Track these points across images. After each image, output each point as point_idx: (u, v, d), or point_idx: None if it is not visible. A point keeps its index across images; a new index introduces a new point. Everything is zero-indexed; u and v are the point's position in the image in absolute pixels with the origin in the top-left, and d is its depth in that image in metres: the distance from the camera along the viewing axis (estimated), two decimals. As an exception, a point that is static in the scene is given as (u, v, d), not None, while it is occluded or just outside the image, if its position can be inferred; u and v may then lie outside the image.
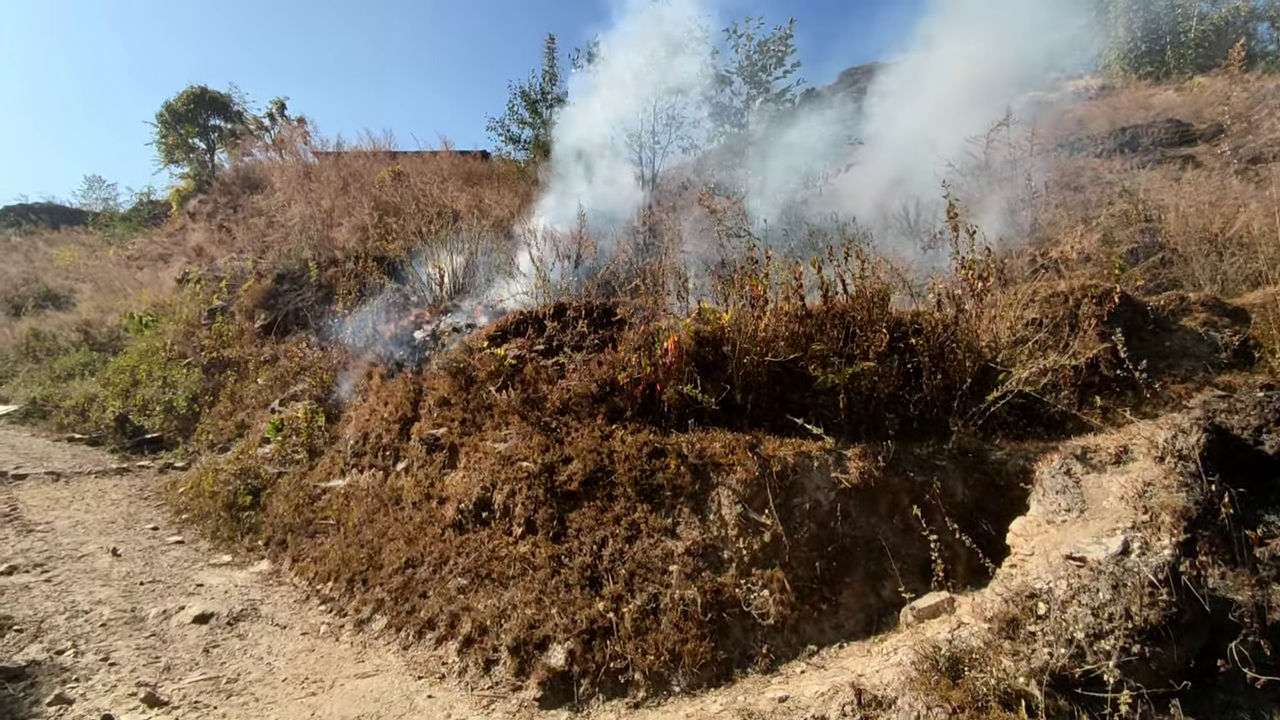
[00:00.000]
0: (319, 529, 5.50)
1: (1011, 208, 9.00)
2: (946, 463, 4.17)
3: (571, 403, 4.72)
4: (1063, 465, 3.55)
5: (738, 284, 4.70)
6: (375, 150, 16.58)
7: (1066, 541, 3.02)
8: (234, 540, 6.05)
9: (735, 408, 4.59)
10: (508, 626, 3.77)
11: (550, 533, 4.14)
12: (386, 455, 5.56)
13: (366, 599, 4.57)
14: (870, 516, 3.97)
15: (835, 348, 4.65)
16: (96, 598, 4.71)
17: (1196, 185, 10.09)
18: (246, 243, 13.92)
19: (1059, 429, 4.71)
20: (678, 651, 3.48)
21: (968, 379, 4.45)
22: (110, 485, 7.74)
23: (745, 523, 3.88)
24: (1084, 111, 23.36)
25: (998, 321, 5.16)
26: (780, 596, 3.63)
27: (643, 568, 3.82)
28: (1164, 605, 2.49)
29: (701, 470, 4.14)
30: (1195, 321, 5.87)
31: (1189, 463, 2.98)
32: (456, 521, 4.54)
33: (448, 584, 4.23)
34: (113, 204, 26.04)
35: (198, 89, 21.14)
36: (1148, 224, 8.50)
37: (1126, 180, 12.93)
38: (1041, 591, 2.79)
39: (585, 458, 4.35)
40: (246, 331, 10.45)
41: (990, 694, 2.52)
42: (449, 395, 5.24)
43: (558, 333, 5.16)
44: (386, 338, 6.55)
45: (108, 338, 13.20)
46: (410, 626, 4.15)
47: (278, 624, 4.54)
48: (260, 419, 8.08)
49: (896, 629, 3.52)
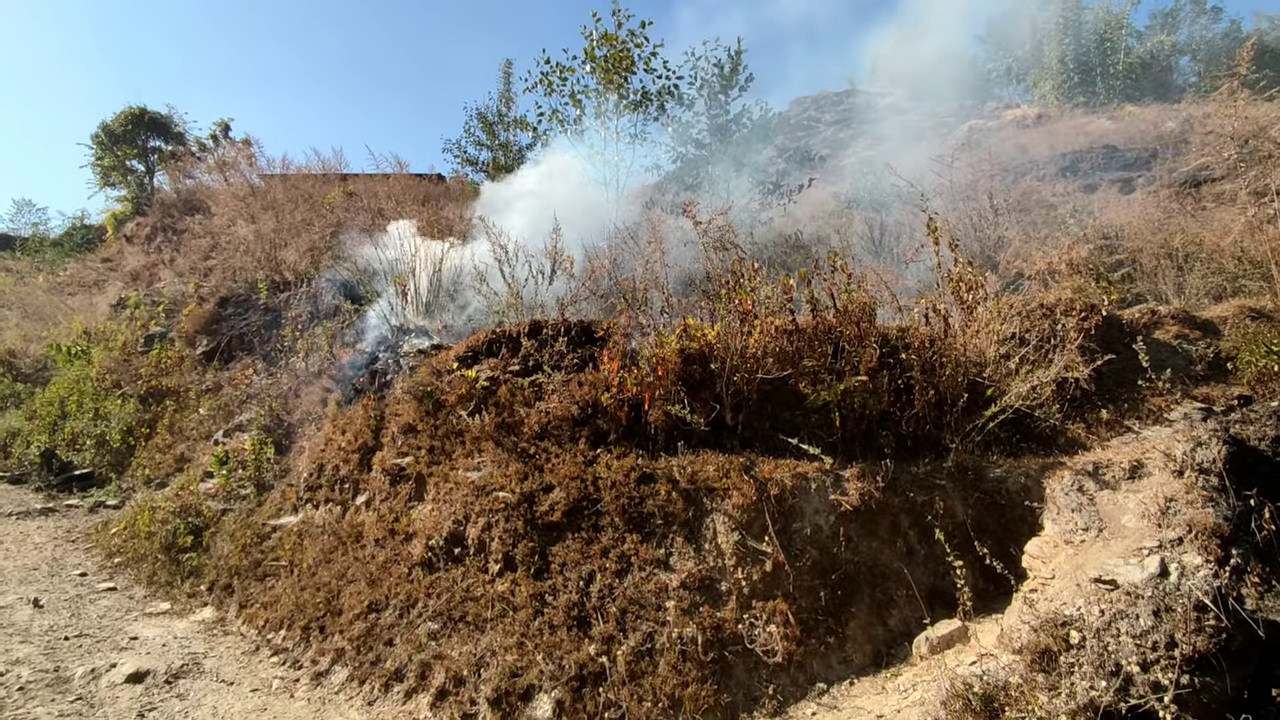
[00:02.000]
0: (269, 571, 5.01)
1: (975, 226, 9.12)
2: (945, 481, 4.01)
3: (551, 426, 4.41)
4: (1075, 483, 3.41)
5: (725, 299, 4.49)
6: (326, 172, 16.06)
7: (1090, 563, 2.85)
8: (173, 585, 5.50)
9: (725, 428, 4.36)
10: (487, 675, 3.41)
11: (531, 569, 3.80)
12: (345, 488, 5.13)
13: (325, 648, 4.14)
14: (872, 540, 3.77)
15: (825, 364, 4.48)
16: (14, 657, 4.15)
17: (1145, 205, 10.44)
18: (187, 266, 13.20)
19: (1050, 444, 4.62)
20: (677, 696, 3.18)
21: (962, 395, 4.33)
22: (33, 527, 7.04)
23: (744, 551, 3.62)
24: (1025, 139, 24.34)
25: (981, 336, 5.08)
26: (784, 631, 3.37)
27: (635, 604, 3.52)
28: (1211, 631, 2.33)
29: (694, 496, 3.88)
30: (1168, 335, 5.91)
31: (1211, 476, 2.86)
32: (425, 559, 4.15)
33: (417, 629, 3.85)
34: (43, 229, 24.66)
35: (136, 109, 20.20)
36: (1106, 241, 8.70)
37: (1073, 201, 13.36)
38: (1073, 618, 2.60)
39: (568, 485, 4.04)
40: (187, 359, 9.80)
41: (1034, 736, 2.30)
42: (415, 421, 4.87)
43: (534, 352, 4.85)
44: (343, 361, 6.14)
45: (33, 368, 12.26)
46: (375, 678, 3.74)
47: (224, 680, 4.06)
48: (202, 451, 7.49)
49: (909, 661, 3.30)
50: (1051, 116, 28.31)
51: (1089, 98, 30.09)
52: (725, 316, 4.51)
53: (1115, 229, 9.04)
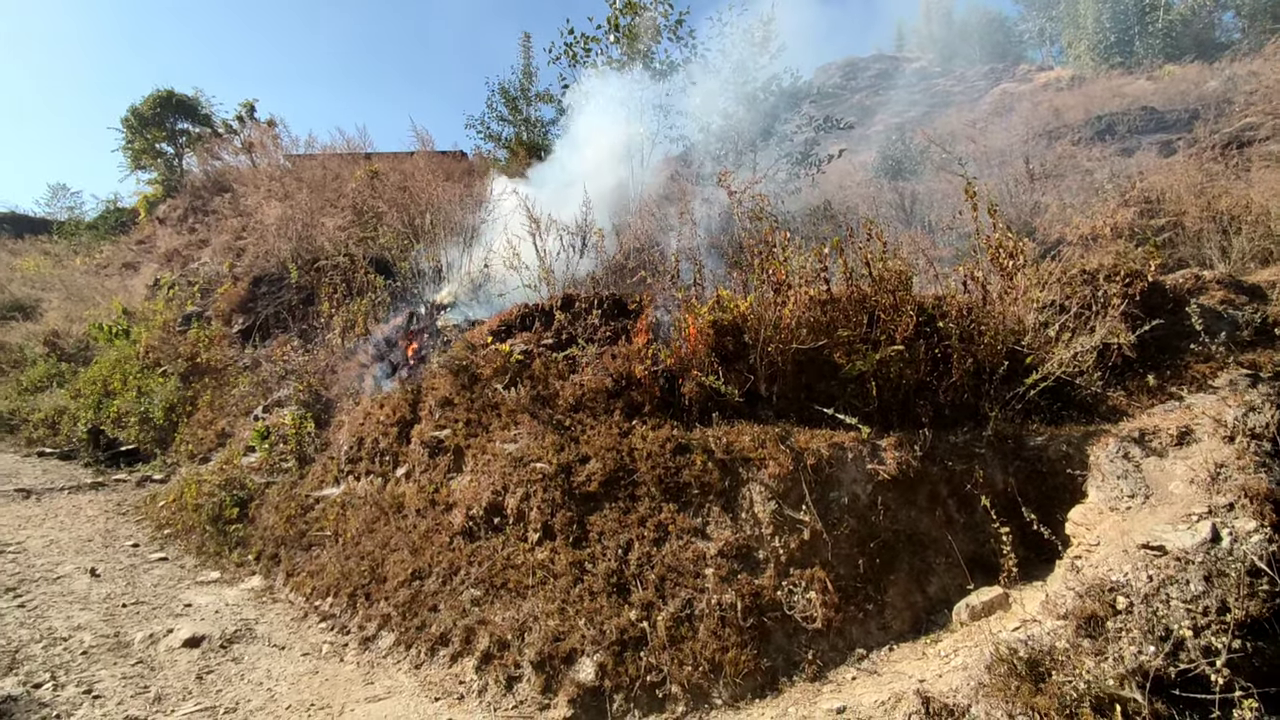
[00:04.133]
0: (314, 541, 5.16)
1: (1010, 192, 8.90)
2: (985, 450, 3.98)
3: (585, 399, 4.44)
4: (1120, 449, 3.36)
5: (758, 269, 4.46)
6: (350, 151, 16.13)
7: (1138, 529, 2.83)
8: (221, 555, 5.69)
9: (760, 399, 4.36)
10: (529, 640, 3.50)
11: (570, 537, 3.87)
12: (385, 460, 5.23)
13: (371, 614, 4.26)
14: (910, 509, 3.76)
15: (860, 334, 4.44)
16: (76, 623, 4.34)
17: (1187, 168, 10.09)
18: (220, 246, 13.42)
19: (1092, 412, 4.55)
20: (717, 661, 3.23)
21: (1000, 363, 4.27)
22: (85, 501, 7.30)
23: (781, 520, 3.64)
24: (1059, 102, 23.57)
25: (1020, 304, 4.99)
26: (823, 598, 3.40)
27: (673, 572, 3.56)
28: (1264, 595, 2.30)
29: (730, 466, 3.90)
30: (1213, 300, 5.75)
31: (1264, 441, 2.80)
32: (466, 529, 4.24)
33: (460, 596, 3.94)
34: (78, 212, 25.21)
35: (164, 92, 20.43)
36: (1148, 204, 8.45)
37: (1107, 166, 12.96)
38: (1120, 584, 2.59)
39: (604, 456, 4.08)
40: (224, 337, 10.01)
41: (1081, 699, 2.30)
42: (451, 395, 4.94)
43: (567, 325, 4.87)
44: (379, 337, 6.22)
45: (76, 348, 12.62)
46: (421, 643, 3.85)
47: (275, 645, 4.21)
48: (243, 427, 7.68)
49: (949, 628, 3.31)
50: (1086, 79, 27.37)
51: (1126, 58, 29.02)
52: (758, 287, 4.48)
53: (1157, 192, 8.77)
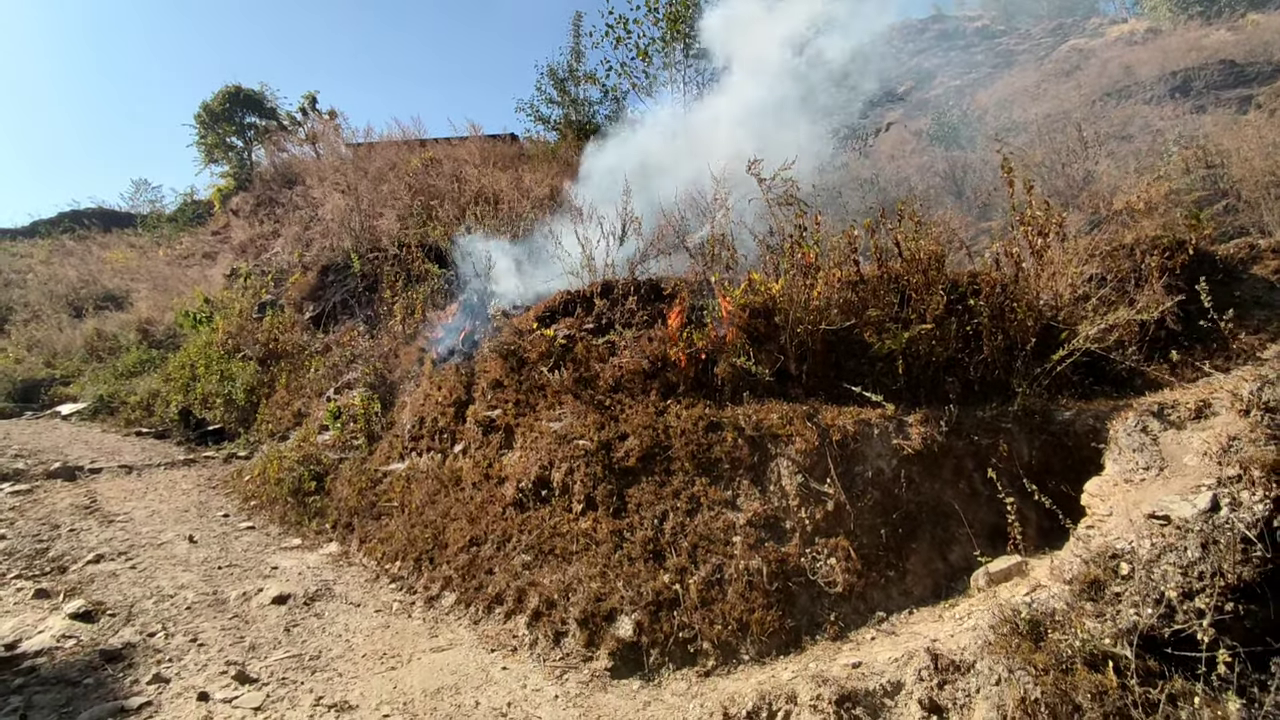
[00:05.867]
0: (383, 511, 5.65)
1: (1062, 162, 8.67)
2: (1011, 425, 4.08)
3: (624, 380, 4.73)
4: (1138, 423, 3.44)
5: (788, 252, 4.63)
6: (407, 139, 16.69)
7: (1147, 500, 2.94)
8: (302, 524, 6.26)
9: (789, 378, 4.56)
10: (574, 600, 3.84)
11: (610, 508, 4.19)
12: (444, 438, 5.67)
13: (435, 577, 4.69)
14: (934, 482, 3.92)
15: (891, 313, 4.57)
16: (179, 582, 4.93)
17: (1259, 127, 9.57)
18: (290, 237, 14.21)
19: (1127, 386, 4.57)
20: (745, 621, 3.50)
21: (1031, 339, 4.34)
22: (180, 476, 8.05)
23: (806, 492, 3.86)
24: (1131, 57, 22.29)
25: (1057, 279, 4.99)
26: (846, 565, 3.62)
27: (705, 540, 3.84)
28: (1258, 561, 2.41)
29: (759, 442, 4.13)
30: (1266, 270, 5.59)
31: (1277, 414, 2.86)
32: (517, 500, 4.62)
33: (512, 560, 4.32)
34: (159, 205, 26.83)
35: (232, 88, 21.48)
36: (1209, 170, 8.12)
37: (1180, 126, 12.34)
38: (1124, 551, 2.73)
39: (641, 434, 4.37)
40: (297, 323, 10.71)
41: (1075, 655, 2.48)
42: (501, 377, 5.31)
43: (606, 310, 5.16)
44: (436, 323, 6.65)
45: (165, 335, 13.66)
46: (479, 602, 4.25)
47: (351, 603, 4.70)
48: (317, 407, 8.30)
49: (966, 594, 3.48)
50: (1163, 31, 25.76)
51: (1207, 7, 27.07)
52: (789, 270, 4.65)
53: (1221, 155, 8.40)
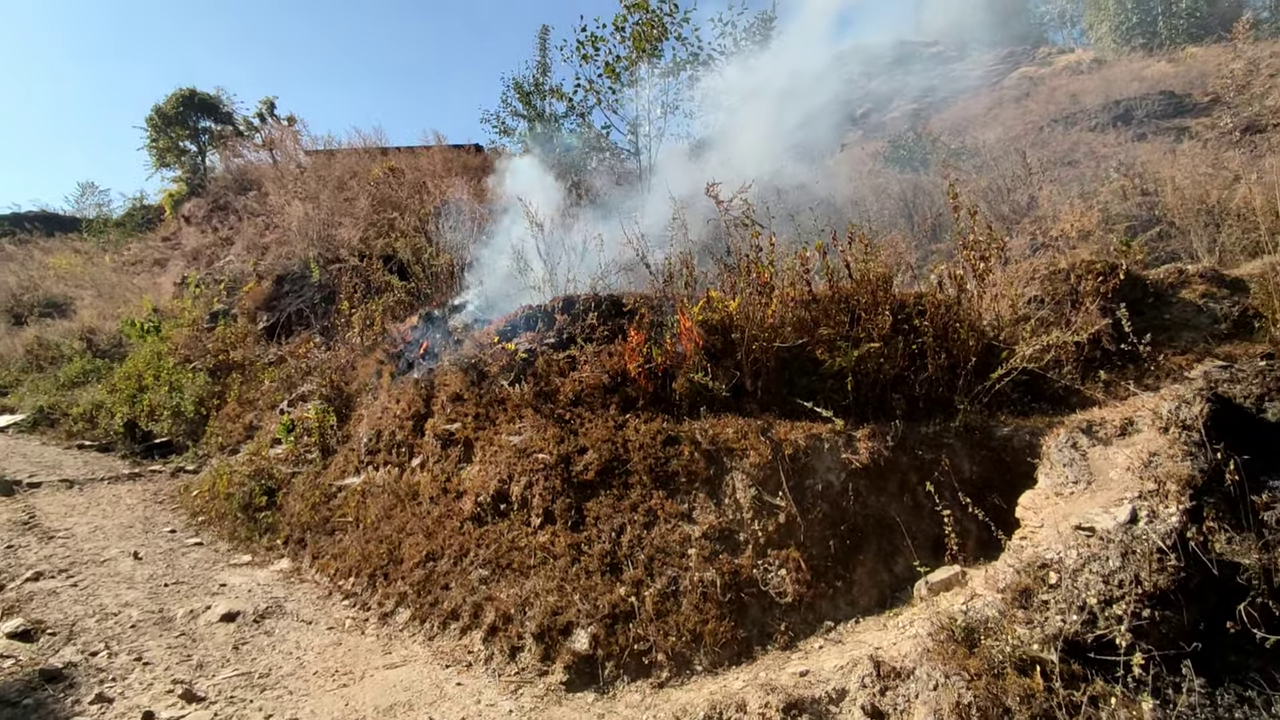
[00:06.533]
0: (337, 526, 5.58)
1: (1008, 187, 9.06)
2: (953, 440, 4.26)
3: (584, 394, 4.79)
4: (1069, 439, 3.63)
5: (744, 272, 4.76)
6: (368, 147, 16.54)
7: (1075, 513, 3.11)
8: (252, 540, 6.14)
9: (745, 394, 4.67)
10: (531, 614, 3.86)
11: (569, 522, 4.23)
12: (401, 451, 5.63)
13: (389, 593, 4.66)
14: (880, 495, 4.06)
15: (841, 331, 4.73)
16: (123, 600, 4.79)
17: (1193, 157, 10.14)
18: (244, 245, 13.93)
19: (1063, 404, 4.80)
20: (699, 632, 3.57)
21: (971, 358, 4.54)
22: (124, 490, 7.80)
23: (760, 505, 3.97)
24: (1077, 86, 23.33)
25: (1000, 300, 5.23)
26: (796, 575, 3.72)
27: (661, 552, 3.91)
28: (1172, 570, 2.58)
29: (715, 456, 4.23)
30: (1194, 293, 5.94)
31: (1193, 432, 3.06)
32: (475, 514, 4.62)
33: (469, 575, 4.32)
34: (106, 210, 25.98)
35: (186, 91, 21.01)
36: (1145, 197, 8.57)
37: (1121, 154, 12.98)
38: (1053, 561, 2.88)
39: (600, 447, 4.43)
40: (250, 334, 10.49)
41: (1006, 661, 2.61)
42: (461, 391, 5.31)
43: (568, 325, 5.22)
44: (395, 335, 6.61)
45: (110, 344, 13.22)
46: (434, 617, 4.24)
47: (303, 620, 4.63)
48: (270, 420, 8.14)
49: (910, 603, 3.62)
50: (1107, 61, 27.00)
51: (1149, 39, 28.49)
52: (745, 289, 4.78)
53: (1157, 183, 8.87)
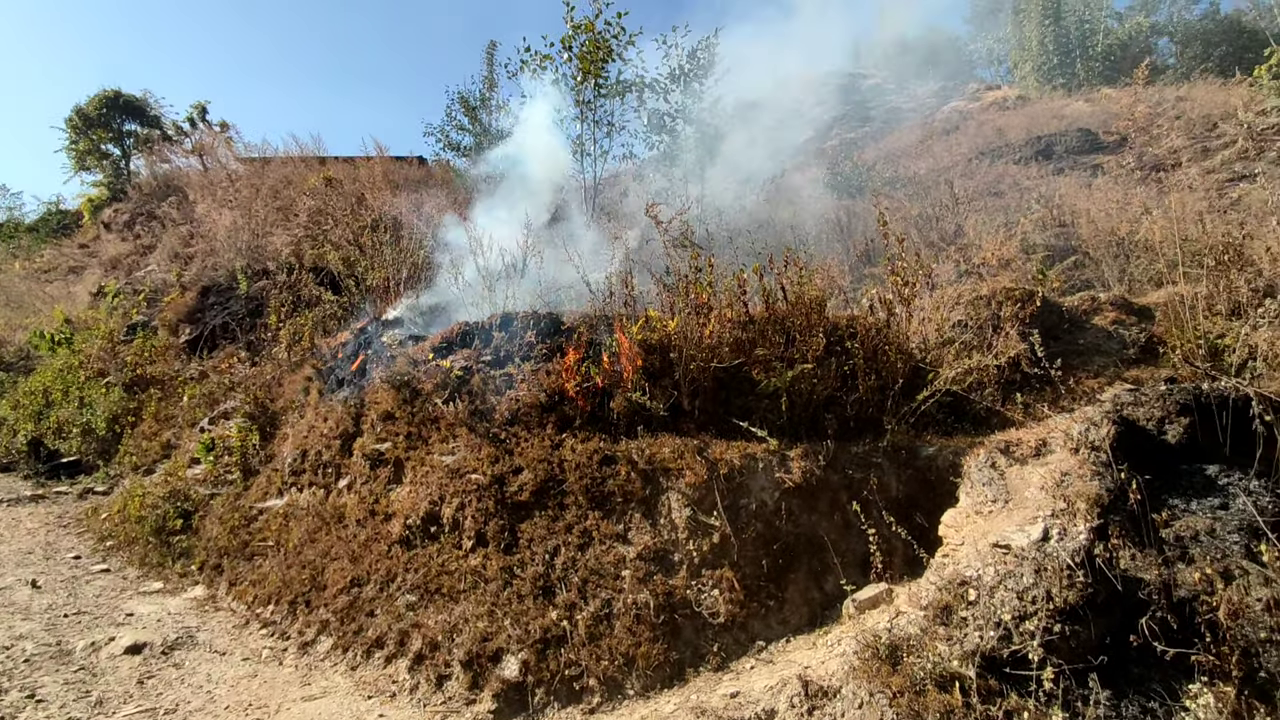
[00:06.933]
0: (257, 551, 5.31)
1: (936, 215, 9.45)
2: (882, 459, 4.36)
3: (521, 413, 4.72)
4: (988, 459, 3.77)
5: (683, 292, 4.80)
6: (305, 156, 16.09)
7: (993, 530, 3.22)
8: (164, 566, 5.78)
9: (683, 413, 4.69)
10: (460, 641, 3.74)
11: (502, 544, 4.13)
12: (327, 472, 5.42)
13: (310, 621, 4.45)
14: (812, 514, 4.12)
15: (777, 352, 4.81)
16: (17, 633, 4.43)
17: (1106, 192, 10.81)
18: (167, 253, 13.30)
19: (985, 425, 4.99)
20: (631, 655, 3.53)
21: (900, 379, 4.67)
22: (25, 514, 7.27)
23: (695, 525, 3.97)
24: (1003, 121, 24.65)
25: (926, 324, 5.43)
26: (730, 595, 3.73)
27: (595, 574, 3.86)
28: (1080, 586, 2.69)
29: (652, 476, 4.21)
30: (1106, 320, 6.29)
31: (1100, 453, 3.22)
32: (404, 537, 4.47)
33: (396, 601, 4.17)
34: (18, 213, 24.45)
35: (111, 92, 20.05)
36: (1062, 228, 9.07)
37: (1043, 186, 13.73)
38: (972, 579, 2.97)
39: (536, 467, 4.36)
40: (171, 347, 9.99)
41: (927, 678, 2.66)
42: (393, 409, 5.16)
43: (505, 343, 5.14)
44: (325, 351, 6.39)
45: (16, 357, 12.35)
46: (358, 646, 4.07)
47: (216, 650, 4.37)
48: (189, 439, 7.73)
49: (839, 621, 3.66)
50: (1030, 99, 28.61)
51: (1068, 80, 30.33)
52: (683, 310, 4.81)
53: (1073, 215, 9.41)
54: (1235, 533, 3.06)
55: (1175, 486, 3.34)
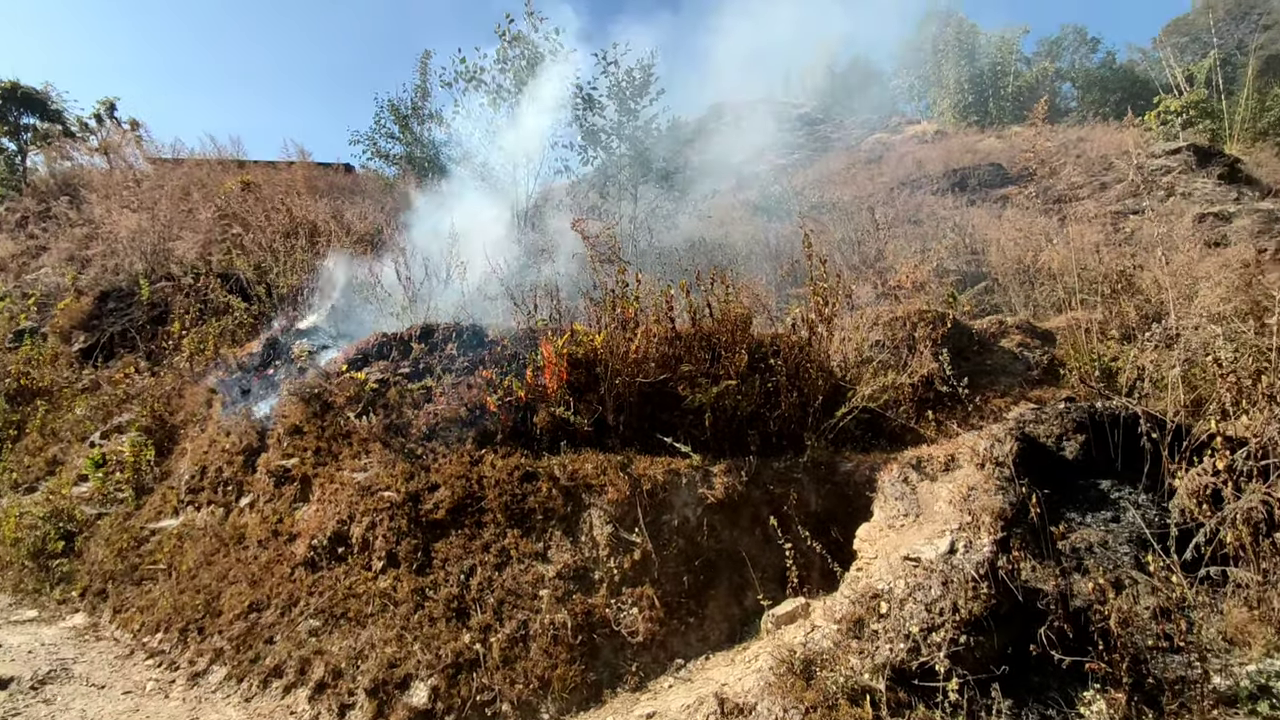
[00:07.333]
0: (146, 575, 4.92)
1: (859, 240, 9.80)
2: (803, 475, 4.42)
3: (439, 427, 4.56)
4: (901, 474, 3.87)
5: (610, 306, 4.76)
6: (222, 158, 15.35)
7: (905, 544, 3.29)
8: (41, 593, 5.28)
9: (608, 429, 4.63)
10: (365, 667, 3.55)
11: (414, 565, 3.96)
12: (228, 490, 5.08)
13: (203, 649, 4.14)
14: (734, 529, 4.12)
15: (703, 369, 4.82)
16: None
17: (1014, 222, 11.46)
18: (62, 255, 12.36)
19: (900, 441, 5.14)
20: (547, 678, 3.42)
21: (820, 396, 4.76)
22: (-123, 538, 6.53)
23: (616, 542, 3.90)
24: (923, 154, 25.92)
25: (846, 344, 5.57)
26: (650, 614, 3.67)
27: (512, 595, 3.73)
28: (984, 598, 2.77)
29: (574, 492, 4.13)
30: (1012, 343, 6.62)
31: (1004, 468, 3.35)
32: (309, 559, 4.22)
33: (298, 627, 3.92)
34: (-108, 208, 22.30)
35: (8, 84, 18.59)
36: (974, 256, 9.55)
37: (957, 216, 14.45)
38: (883, 591, 3.01)
39: (453, 484, 4.21)
40: (62, 356, 9.22)
41: (839, 692, 2.68)
42: (302, 423, 4.89)
43: (425, 355, 4.97)
44: (231, 362, 6.03)
45: (-119, 365, 11.18)
46: (254, 676, 3.80)
47: (94, 684, 4.00)
48: (77, 454, 7.13)
49: (758, 636, 3.66)
50: (948, 134, 30.24)
51: (982, 117, 32.20)
52: (610, 324, 4.78)
53: (984, 244, 9.94)
54: (1125, 544, 3.24)
55: (1073, 500, 3.51)
